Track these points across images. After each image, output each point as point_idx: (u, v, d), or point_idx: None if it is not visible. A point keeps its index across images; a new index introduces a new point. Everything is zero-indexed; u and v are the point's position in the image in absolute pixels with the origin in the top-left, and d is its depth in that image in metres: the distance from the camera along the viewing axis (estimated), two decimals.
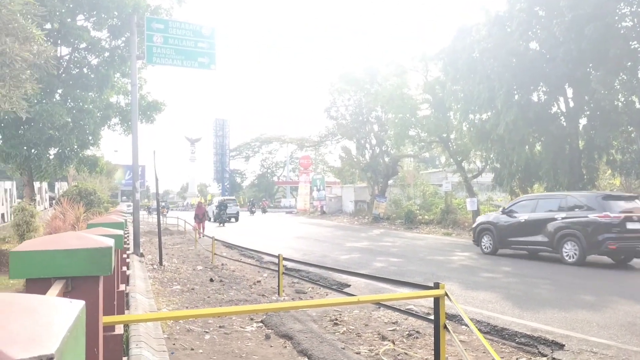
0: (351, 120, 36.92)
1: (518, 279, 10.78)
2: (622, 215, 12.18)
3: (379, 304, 7.30)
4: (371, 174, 36.12)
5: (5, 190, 20.94)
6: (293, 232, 25.68)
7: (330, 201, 43.86)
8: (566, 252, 12.82)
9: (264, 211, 50.08)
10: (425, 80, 28.50)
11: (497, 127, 19.73)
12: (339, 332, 6.80)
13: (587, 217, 12.58)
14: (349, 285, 9.99)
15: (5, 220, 19.53)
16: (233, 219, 35.70)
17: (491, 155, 22.68)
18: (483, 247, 15.33)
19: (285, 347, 6.13)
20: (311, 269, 11.26)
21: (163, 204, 46.34)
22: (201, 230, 22.92)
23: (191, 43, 14.93)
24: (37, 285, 2.25)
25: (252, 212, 48.82)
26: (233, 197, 45.59)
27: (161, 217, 15.92)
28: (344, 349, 5.85)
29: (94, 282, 2.41)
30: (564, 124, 19.84)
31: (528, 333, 6.40)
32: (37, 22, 8.19)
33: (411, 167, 37.90)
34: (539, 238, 13.60)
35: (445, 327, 4.90)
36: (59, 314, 0.84)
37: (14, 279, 2.12)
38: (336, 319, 7.37)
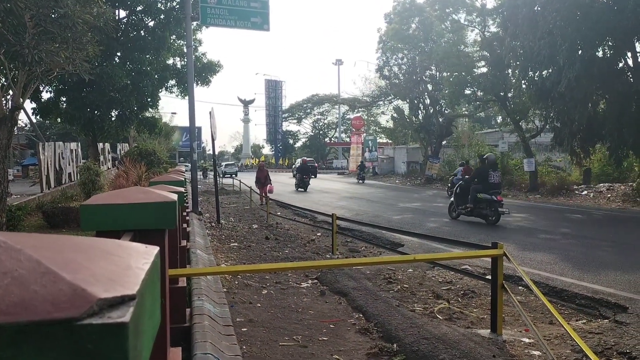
0: (404, 79, 36.09)
1: (577, 240, 10.44)
2: None
3: (433, 263, 7.27)
4: (424, 135, 35.49)
5: (72, 151, 21.95)
6: (345, 192, 25.77)
7: (383, 162, 43.61)
8: None
9: (362, 179, 48.64)
10: (483, 37, 27.35)
11: (558, 85, 18.79)
12: (393, 290, 6.84)
13: None
14: (402, 245, 9.98)
15: (72, 179, 20.57)
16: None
17: (551, 114, 21.75)
18: None
19: (340, 303, 6.23)
20: (364, 228, 11.31)
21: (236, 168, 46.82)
22: (263, 195, 19.38)
23: (244, 3, 14.86)
24: (106, 237, 2.35)
25: (362, 179, 47.61)
26: (312, 159, 44.48)
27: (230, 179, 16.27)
28: (398, 306, 5.89)
29: (160, 235, 2.50)
30: (631, 80, 18.63)
31: (589, 295, 6.22)
32: None
33: (466, 127, 36.91)
34: None
35: (502, 286, 4.83)
36: (136, 257, 0.86)
37: (85, 231, 2.20)
38: (390, 278, 7.40)
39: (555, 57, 18.79)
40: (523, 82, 22.61)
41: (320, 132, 79.71)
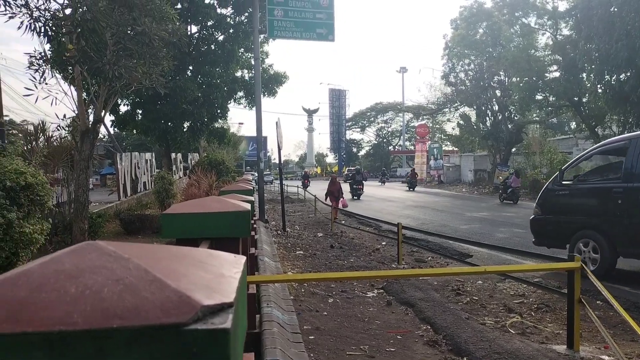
0: (471, 86, 35.24)
1: None
2: None
3: (505, 275, 7.04)
4: (492, 142, 34.43)
5: (146, 161, 23.04)
6: (409, 200, 25.44)
7: (448, 170, 42.70)
8: None
9: (382, 181, 48.58)
10: (555, 40, 26.30)
11: (637, 89, 17.74)
12: (462, 302, 6.68)
13: None
14: (471, 256, 9.73)
15: (147, 188, 21.57)
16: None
17: (630, 120, 20.53)
18: None
19: (407, 314, 6.16)
20: (430, 237, 11.12)
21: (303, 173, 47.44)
22: (337, 208, 17.26)
23: (310, 15, 15.09)
24: (185, 245, 2.45)
25: (383, 182, 47.74)
26: (358, 167, 44.96)
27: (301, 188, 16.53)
28: (468, 319, 5.74)
29: (235, 243, 2.59)
30: None
31: None
32: (170, 2, 8.80)
33: (537, 133, 35.50)
34: None
35: (580, 301, 4.61)
36: (227, 266, 0.91)
37: (165, 238, 2.32)
38: (458, 289, 7.23)
39: (634, 60, 17.78)
40: (599, 86, 21.55)
41: (384, 140, 79.24)
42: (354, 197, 26.43)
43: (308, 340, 5.04)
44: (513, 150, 33.71)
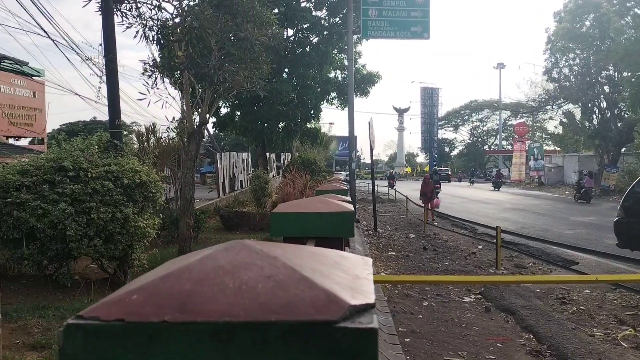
0: (576, 82, 33.04)
1: None
2: None
3: (616, 285, 6.56)
4: (599, 142, 32.08)
5: (243, 160, 23.99)
6: (507, 203, 24.38)
7: (550, 171, 40.34)
8: None
9: (471, 182, 46.73)
10: None
11: None
12: (567, 311, 6.32)
13: None
14: (577, 263, 9.15)
15: (243, 186, 22.43)
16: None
17: None
18: None
19: (507, 321, 5.93)
20: (531, 242, 10.62)
21: (390, 172, 47.66)
22: (430, 209, 17.00)
23: (404, 13, 14.94)
24: (292, 243, 2.54)
25: (472, 182, 46.34)
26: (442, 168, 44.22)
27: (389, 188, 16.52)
28: (574, 329, 5.42)
29: (338, 243, 2.64)
30: None
31: None
32: (270, 8, 9.11)
33: None
34: None
35: None
36: (359, 268, 0.94)
37: (273, 236, 2.43)
38: (564, 298, 6.84)
39: None
40: None
41: (479, 139, 76.49)
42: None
43: (404, 343, 5.01)
44: (623, 150, 31.22)
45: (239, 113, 17.98)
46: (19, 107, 21.46)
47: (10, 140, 22.34)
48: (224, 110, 19.15)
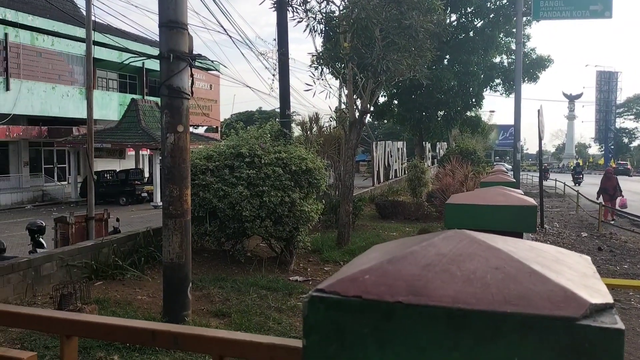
0: None
1: None
2: None
3: None
4: None
5: (398, 149, 23.98)
6: None
7: None
8: None
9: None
10: None
11: None
12: None
13: None
14: None
15: (397, 175, 22.44)
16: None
17: None
18: None
19: None
20: None
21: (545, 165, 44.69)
22: (611, 208, 15.32)
23: None
24: None
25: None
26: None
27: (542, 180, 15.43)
28: None
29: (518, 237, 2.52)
30: None
31: None
32: None
33: None
34: None
35: None
36: (583, 266, 0.90)
37: (447, 228, 2.38)
38: None
39: None
40: None
41: None
42: (575, 184, 29.58)
43: None
44: None
45: (396, 102, 17.96)
46: (197, 98, 24.02)
47: (190, 129, 25.17)
48: (381, 99, 19.31)
